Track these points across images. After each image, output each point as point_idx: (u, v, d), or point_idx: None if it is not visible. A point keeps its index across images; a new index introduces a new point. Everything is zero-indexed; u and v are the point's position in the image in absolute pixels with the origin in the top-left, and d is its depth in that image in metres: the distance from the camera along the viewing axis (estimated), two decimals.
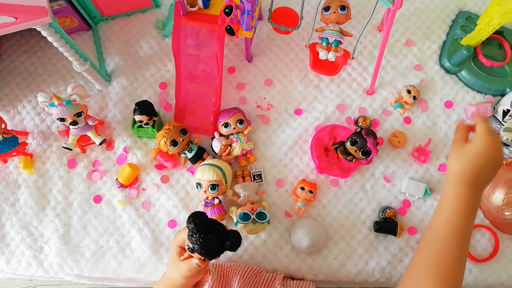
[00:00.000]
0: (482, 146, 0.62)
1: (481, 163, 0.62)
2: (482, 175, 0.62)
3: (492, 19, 0.84)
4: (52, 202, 0.86)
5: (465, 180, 0.63)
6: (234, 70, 0.95)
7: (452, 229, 0.61)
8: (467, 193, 0.62)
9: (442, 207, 0.64)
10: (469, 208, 0.62)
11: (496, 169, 0.63)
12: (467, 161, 0.63)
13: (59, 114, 0.75)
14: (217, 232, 0.59)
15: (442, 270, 0.59)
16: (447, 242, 0.61)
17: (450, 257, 0.60)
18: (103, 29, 0.98)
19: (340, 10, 0.80)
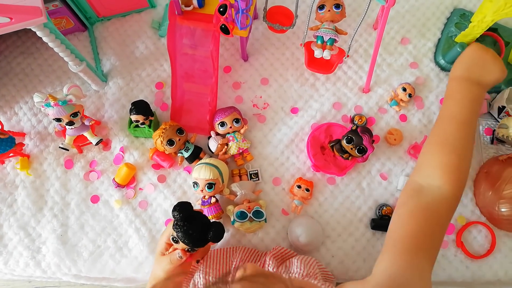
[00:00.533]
0: (469, 50, 0.83)
1: (468, 62, 0.81)
2: (472, 73, 0.79)
3: (485, 16, 0.84)
4: (50, 202, 0.87)
5: (457, 76, 0.81)
6: (230, 69, 0.95)
7: (457, 114, 0.75)
8: (465, 86, 0.78)
9: (447, 100, 0.80)
10: (470, 97, 0.76)
11: (485, 69, 0.80)
12: (458, 62, 0.83)
13: (55, 115, 0.76)
14: (201, 222, 0.62)
15: (448, 147, 0.71)
16: (451, 122, 0.74)
17: (456, 138, 0.72)
18: (99, 29, 0.98)
19: (334, 8, 0.80)
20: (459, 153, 0.70)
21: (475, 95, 0.77)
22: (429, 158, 0.73)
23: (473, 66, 0.80)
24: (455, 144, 0.71)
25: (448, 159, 0.70)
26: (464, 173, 0.70)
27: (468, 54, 0.83)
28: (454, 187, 0.68)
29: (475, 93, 0.77)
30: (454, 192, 0.68)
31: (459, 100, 0.76)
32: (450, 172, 0.68)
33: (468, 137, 0.73)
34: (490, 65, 0.80)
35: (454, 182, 0.68)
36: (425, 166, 0.73)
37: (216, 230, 0.62)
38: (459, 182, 0.69)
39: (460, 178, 0.69)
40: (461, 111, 0.75)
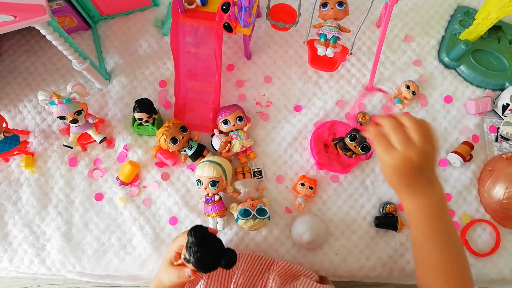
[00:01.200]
0: (382, 159, 0.61)
1: (400, 171, 0.60)
2: (416, 179, 0.61)
3: (490, 13, 0.84)
4: (54, 200, 0.87)
5: (401, 190, 0.64)
6: (233, 68, 0.95)
7: (426, 240, 0.63)
8: (413, 203, 0.63)
9: (408, 219, 0.66)
10: (426, 213, 0.62)
11: (432, 154, 0.61)
12: (390, 173, 0.62)
13: (59, 112, 0.76)
14: (214, 247, 0.59)
15: (442, 277, 0.62)
16: (430, 251, 0.63)
17: (447, 263, 0.62)
18: (102, 28, 0.98)
19: (337, 6, 0.80)
20: (456, 282, 0.63)
21: (433, 204, 0.62)
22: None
23: (401, 173, 0.60)
24: (449, 271, 0.62)
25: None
26: None
27: (384, 164, 0.61)
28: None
29: (430, 203, 0.62)
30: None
31: (425, 220, 0.63)
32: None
33: (455, 256, 0.63)
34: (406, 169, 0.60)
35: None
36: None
37: (229, 258, 0.60)
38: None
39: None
40: (435, 233, 0.63)
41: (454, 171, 0.88)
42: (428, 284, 0.65)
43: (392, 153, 0.59)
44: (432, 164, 0.62)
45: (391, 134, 0.60)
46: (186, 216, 0.85)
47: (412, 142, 0.58)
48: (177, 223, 0.85)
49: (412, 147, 0.58)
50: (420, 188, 0.61)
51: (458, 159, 0.85)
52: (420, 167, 0.59)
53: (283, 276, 0.77)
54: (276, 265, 0.78)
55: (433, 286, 0.64)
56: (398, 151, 0.58)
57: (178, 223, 0.85)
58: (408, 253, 0.84)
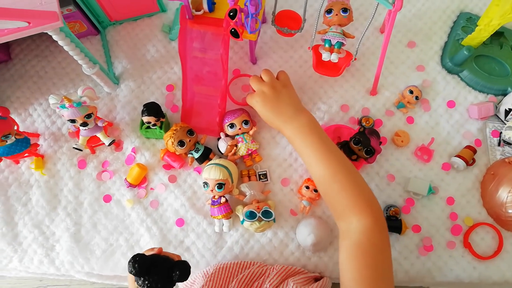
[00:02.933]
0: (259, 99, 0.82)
1: (263, 111, 0.82)
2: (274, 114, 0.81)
3: (492, 20, 0.85)
4: (63, 201, 0.89)
5: (276, 124, 0.81)
6: (239, 72, 0.97)
7: (309, 155, 0.76)
8: (287, 129, 0.79)
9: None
10: (298, 135, 0.77)
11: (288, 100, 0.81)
12: (263, 112, 0.83)
13: (70, 116, 0.78)
14: (162, 268, 0.60)
15: (336, 188, 0.72)
16: (318, 167, 0.75)
17: (336, 173, 0.72)
18: (111, 33, 1.00)
19: (342, 13, 0.82)
20: (348, 190, 0.71)
21: (299, 127, 0.77)
22: (332, 205, 0.74)
23: (267, 111, 0.82)
24: (337, 182, 0.71)
25: (343, 200, 0.71)
26: (371, 199, 0.71)
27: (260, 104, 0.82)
28: (368, 217, 0.68)
29: (298, 126, 0.78)
30: (375, 221, 0.68)
31: (300, 142, 0.77)
32: (356, 210, 0.69)
33: (339, 167, 0.73)
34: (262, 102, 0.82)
35: (365, 214, 0.68)
36: (335, 213, 0.73)
37: (181, 271, 0.60)
38: (369, 211, 0.69)
39: (367, 207, 0.69)
40: (310, 151, 0.75)
41: (457, 174, 0.89)
42: (331, 201, 0.74)
43: (253, 95, 0.83)
44: (287, 95, 0.81)
45: (251, 83, 0.85)
46: (192, 217, 0.87)
47: (262, 81, 0.83)
48: (183, 225, 0.87)
49: (263, 84, 0.82)
50: (290, 115, 0.78)
51: (461, 162, 0.86)
52: (276, 97, 0.80)
53: (281, 277, 0.79)
54: (273, 269, 0.80)
55: (335, 201, 0.73)
56: (255, 92, 0.83)
57: (184, 224, 0.87)
58: (412, 255, 0.85)
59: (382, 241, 0.68)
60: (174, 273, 0.60)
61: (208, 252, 0.85)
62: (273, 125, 0.82)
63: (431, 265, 0.84)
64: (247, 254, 0.85)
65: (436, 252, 0.85)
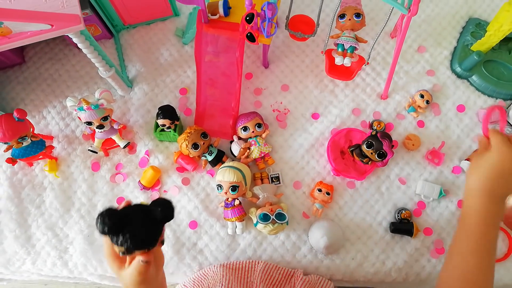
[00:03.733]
0: (495, 157, 0.62)
1: (496, 174, 0.61)
2: (498, 186, 0.62)
3: (502, 25, 0.86)
4: (77, 204, 0.89)
5: (482, 192, 0.62)
6: (251, 76, 0.98)
7: (474, 245, 0.62)
8: (485, 207, 0.62)
9: (464, 221, 0.64)
10: (490, 221, 0.62)
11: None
12: (482, 173, 0.63)
13: (87, 118, 0.78)
14: (137, 218, 0.49)
15: (468, 283, 0.61)
16: (471, 257, 0.62)
17: (475, 273, 0.61)
18: (125, 37, 1.01)
19: (355, 18, 0.83)
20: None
21: (499, 215, 0.63)
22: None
23: (499, 179, 0.62)
24: (477, 280, 0.62)
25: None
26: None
27: (492, 164, 0.62)
28: None
29: (499, 213, 0.63)
30: None
31: (483, 227, 0.62)
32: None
33: (490, 269, 0.62)
34: None
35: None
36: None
37: (161, 206, 0.49)
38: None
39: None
40: (486, 242, 0.62)
41: None
42: (448, 283, 0.64)
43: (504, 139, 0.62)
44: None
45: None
46: (205, 220, 0.87)
47: None
48: (197, 227, 0.87)
49: None
50: (503, 198, 0.63)
51: None
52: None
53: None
54: (297, 279, 0.80)
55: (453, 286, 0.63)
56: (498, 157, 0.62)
57: (198, 227, 0.87)
58: (423, 258, 0.85)
59: None
60: (156, 215, 0.49)
61: (222, 255, 0.86)
62: (483, 185, 0.63)
63: None
64: (260, 256, 0.86)
65: None
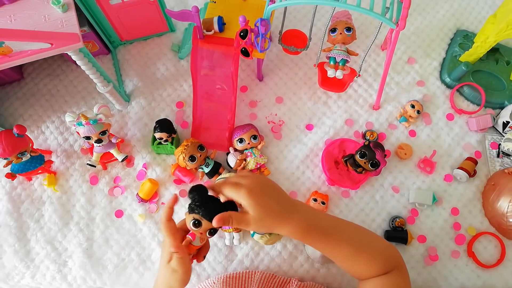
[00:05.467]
0: (255, 213, 0.59)
1: (270, 220, 0.61)
2: (275, 212, 0.61)
3: (488, 37, 0.89)
4: (76, 217, 0.90)
5: (276, 226, 0.62)
6: (246, 89, 1.00)
7: (320, 248, 0.67)
8: (287, 230, 0.62)
9: None
10: (300, 235, 0.63)
11: (278, 195, 0.64)
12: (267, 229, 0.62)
13: (86, 133, 0.80)
14: (217, 200, 0.63)
15: (362, 262, 0.67)
16: (333, 254, 0.67)
17: (355, 252, 0.66)
18: (121, 52, 1.03)
19: (346, 32, 0.86)
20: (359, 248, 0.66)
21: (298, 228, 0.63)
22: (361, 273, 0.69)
23: (278, 214, 0.62)
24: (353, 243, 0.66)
25: (361, 264, 0.67)
26: (387, 255, 0.69)
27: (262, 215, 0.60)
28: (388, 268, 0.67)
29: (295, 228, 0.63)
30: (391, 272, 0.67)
31: (305, 239, 0.65)
32: (375, 268, 0.66)
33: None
34: (278, 194, 0.65)
35: (384, 266, 0.66)
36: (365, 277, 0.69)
37: (229, 204, 0.63)
38: (387, 263, 0.67)
39: (383, 265, 0.67)
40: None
41: (458, 186, 0.92)
42: (357, 271, 0.69)
43: (240, 190, 0.60)
44: (272, 194, 0.63)
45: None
46: None
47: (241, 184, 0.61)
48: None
49: (245, 180, 0.62)
50: (285, 216, 0.62)
51: (464, 174, 0.89)
52: (266, 196, 0.61)
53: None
54: (292, 285, 0.80)
55: (361, 271, 0.68)
56: (243, 187, 0.60)
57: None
58: (418, 265, 0.87)
59: None
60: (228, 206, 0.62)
61: (219, 265, 0.87)
62: (267, 226, 0.62)
63: (437, 274, 0.87)
64: (257, 266, 0.87)
65: (441, 262, 0.87)
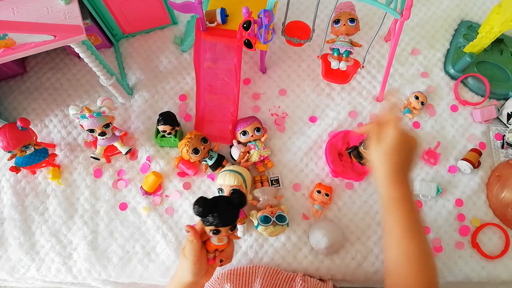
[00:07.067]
0: (392, 143, 0.66)
1: (397, 158, 0.66)
2: (402, 167, 0.66)
3: (493, 27, 0.89)
4: (80, 210, 0.90)
5: (390, 178, 0.66)
6: (249, 81, 1.00)
7: (403, 228, 0.64)
8: (395, 192, 0.65)
9: (383, 209, 0.67)
10: (403, 202, 0.65)
11: (413, 154, 0.68)
12: (385, 161, 0.67)
13: (90, 126, 0.80)
14: (223, 202, 0.63)
15: (416, 267, 0.63)
16: (403, 241, 0.64)
17: (402, 241, 0.64)
18: (124, 45, 1.03)
19: (349, 23, 0.85)
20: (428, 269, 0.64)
21: (409, 191, 0.66)
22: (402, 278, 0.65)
23: (403, 159, 0.67)
24: (422, 259, 0.64)
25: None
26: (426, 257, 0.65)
27: (387, 142, 0.67)
28: None
29: (408, 188, 0.66)
30: None
31: (390, 193, 0.66)
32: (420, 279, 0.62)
33: (421, 241, 0.65)
34: (414, 153, 0.69)
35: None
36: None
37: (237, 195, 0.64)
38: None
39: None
40: (410, 216, 0.65)
41: (463, 177, 0.92)
42: (400, 273, 0.65)
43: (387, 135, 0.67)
44: (411, 160, 0.68)
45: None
46: None
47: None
48: None
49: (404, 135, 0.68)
50: (405, 177, 0.67)
51: (468, 166, 0.89)
52: (406, 156, 0.67)
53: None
54: (297, 284, 0.81)
55: (404, 275, 0.64)
56: (393, 133, 0.67)
57: None
58: None
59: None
60: (234, 198, 0.64)
61: None
62: (385, 171, 0.67)
63: (442, 266, 0.87)
64: (261, 258, 0.87)
65: (446, 253, 0.87)
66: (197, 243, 0.63)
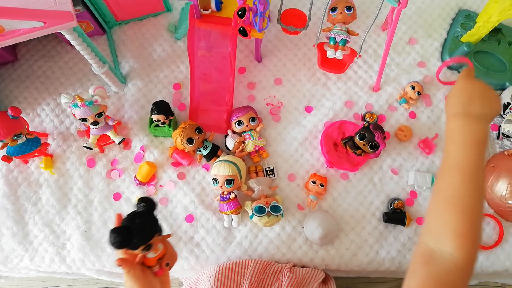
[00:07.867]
0: (461, 83, 0.69)
1: (465, 96, 0.66)
2: (471, 106, 0.65)
3: (491, 17, 0.88)
4: (73, 200, 0.90)
5: (457, 115, 0.66)
6: (244, 70, 0.99)
7: (457, 164, 0.63)
8: (459, 127, 0.65)
9: (447, 146, 0.66)
10: (468, 141, 0.64)
11: (484, 99, 0.66)
12: (453, 98, 0.68)
13: (82, 115, 0.79)
14: (133, 219, 0.60)
15: (457, 206, 0.61)
16: (456, 177, 0.62)
17: (464, 194, 0.61)
18: (117, 33, 1.01)
19: (346, 11, 0.84)
20: (469, 214, 0.60)
21: (479, 134, 0.64)
22: (438, 219, 0.63)
23: (472, 99, 0.66)
24: (464, 202, 0.61)
25: (458, 221, 0.60)
26: (477, 237, 0.61)
27: (463, 86, 0.69)
28: (467, 254, 0.58)
29: (478, 131, 0.65)
30: (467, 260, 0.59)
31: (462, 144, 0.64)
32: (462, 237, 0.59)
33: (476, 192, 0.62)
34: (488, 96, 0.67)
35: (467, 248, 0.58)
36: (434, 227, 0.63)
37: (145, 201, 0.62)
38: (472, 248, 0.59)
39: (473, 243, 0.59)
40: (466, 158, 0.63)
41: None
42: (439, 216, 0.63)
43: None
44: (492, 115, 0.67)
45: None
46: (202, 214, 0.88)
47: None
48: (193, 221, 0.88)
49: None
50: (481, 117, 0.65)
51: None
52: (489, 105, 0.66)
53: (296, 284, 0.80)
54: (284, 276, 0.81)
55: (445, 218, 0.62)
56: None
57: (194, 220, 0.88)
58: None
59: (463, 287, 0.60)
60: (141, 208, 0.62)
61: (218, 247, 0.87)
62: (464, 107, 0.66)
63: None
64: (255, 248, 0.87)
65: None
66: (135, 271, 0.60)
